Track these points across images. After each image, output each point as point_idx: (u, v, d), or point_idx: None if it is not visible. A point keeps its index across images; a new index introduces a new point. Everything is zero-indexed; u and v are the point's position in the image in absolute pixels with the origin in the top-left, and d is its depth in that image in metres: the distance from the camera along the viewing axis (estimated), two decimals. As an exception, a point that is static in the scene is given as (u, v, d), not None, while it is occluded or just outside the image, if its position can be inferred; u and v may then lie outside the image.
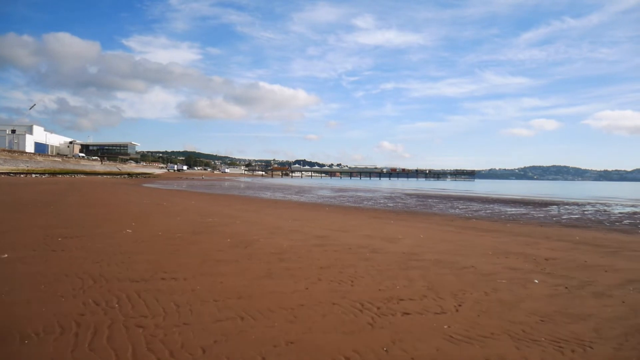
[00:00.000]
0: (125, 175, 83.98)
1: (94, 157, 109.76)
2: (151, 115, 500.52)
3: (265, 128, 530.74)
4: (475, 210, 16.47)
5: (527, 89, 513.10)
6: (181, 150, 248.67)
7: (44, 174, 58.99)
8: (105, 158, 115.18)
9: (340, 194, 30.59)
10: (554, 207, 20.35)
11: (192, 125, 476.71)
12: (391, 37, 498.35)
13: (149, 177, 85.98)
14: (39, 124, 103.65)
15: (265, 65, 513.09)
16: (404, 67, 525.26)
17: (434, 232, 8.96)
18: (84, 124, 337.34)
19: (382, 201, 22.44)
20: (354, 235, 7.91)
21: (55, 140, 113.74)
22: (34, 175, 53.41)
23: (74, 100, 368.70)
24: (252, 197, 23.29)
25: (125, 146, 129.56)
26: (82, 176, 66.50)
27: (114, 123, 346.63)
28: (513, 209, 17.83)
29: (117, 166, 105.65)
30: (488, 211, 16.44)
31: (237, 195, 25.70)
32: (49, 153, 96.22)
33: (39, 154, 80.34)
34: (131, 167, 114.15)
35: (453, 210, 16.38)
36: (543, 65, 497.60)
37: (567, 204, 23.21)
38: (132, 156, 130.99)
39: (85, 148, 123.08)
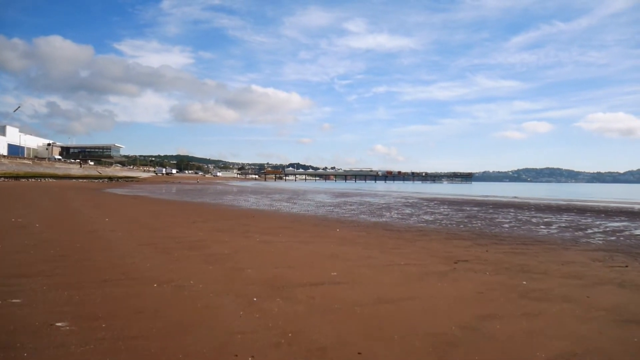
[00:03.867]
0: (106, 180, 78.28)
1: (71, 160, 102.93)
2: (144, 120, 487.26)
3: (259, 132, 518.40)
4: (573, 228, 10.08)
5: (518, 92, 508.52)
6: (174, 154, 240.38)
7: (1, 177, 51.95)
8: (89, 161, 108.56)
9: (343, 199, 24.13)
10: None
11: (185, 129, 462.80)
12: (382, 41, 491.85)
13: (132, 181, 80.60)
14: (14, 125, 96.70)
15: (258, 69, 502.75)
16: (395, 70, 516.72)
17: None
18: (77, 127, 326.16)
19: (407, 211, 16.00)
20: None
21: (33, 142, 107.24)
22: (-15, 180, 46.40)
23: (65, 104, 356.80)
24: (223, 208, 16.71)
25: (108, 148, 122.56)
26: (50, 180, 60.10)
27: (107, 127, 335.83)
28: (616, 224, 11.59)
29: (98, 170, 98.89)
30: (594, 229, 10.10)
31: (205, 203, 19.00)
32: (25, 155, 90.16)
33: (8, 157, 73.49)
34: (115, 170, 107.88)
35: (543, 230, 9.96)
36: (533, 69, 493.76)
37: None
38: (117, 159, 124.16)
39: (65, 150, 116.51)
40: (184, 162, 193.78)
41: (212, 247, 6.04)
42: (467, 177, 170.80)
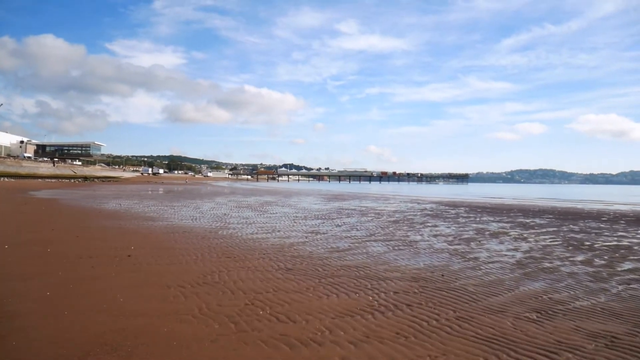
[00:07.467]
0: (80, 179, 72.29)
1: (44, 159, 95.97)
2: (136, 120, 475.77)
3: (252, 132, 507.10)
4: None
5: (510, 93, 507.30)
6: (167, 154, 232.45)
7: (-58, 176, 45.31)
8: (76, 160, 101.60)
9: (337, 205, 18.12)
10: None
11: (178, 129, 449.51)
12: (375, 42, 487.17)
13: (109, 181, 74.62)
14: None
15: (251, 69, 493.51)
16: (388, 72, 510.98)
17: None
18: (68, 127, 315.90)
19: (443, 229, 9.95)
20: None
21: (6, 139, 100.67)
22: None
23: (56, 104, 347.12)
24: (127, 226, 10.50)
25: (87, 147, 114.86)
26: (7, 180, 53.27)
27: (99, 127, 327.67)
28: None
29: (74, 169, 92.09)
30: None
31: (117, 214, 12.69)
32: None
33: (-37, 153, 66.72)
34: (94, 169, 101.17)
35: None
36: (525, 71, 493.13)
37: None
38: (97, 158, 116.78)
39: (41, 148, 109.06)
40: (174, 162, 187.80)
41: None
42: (463, 178, 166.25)
